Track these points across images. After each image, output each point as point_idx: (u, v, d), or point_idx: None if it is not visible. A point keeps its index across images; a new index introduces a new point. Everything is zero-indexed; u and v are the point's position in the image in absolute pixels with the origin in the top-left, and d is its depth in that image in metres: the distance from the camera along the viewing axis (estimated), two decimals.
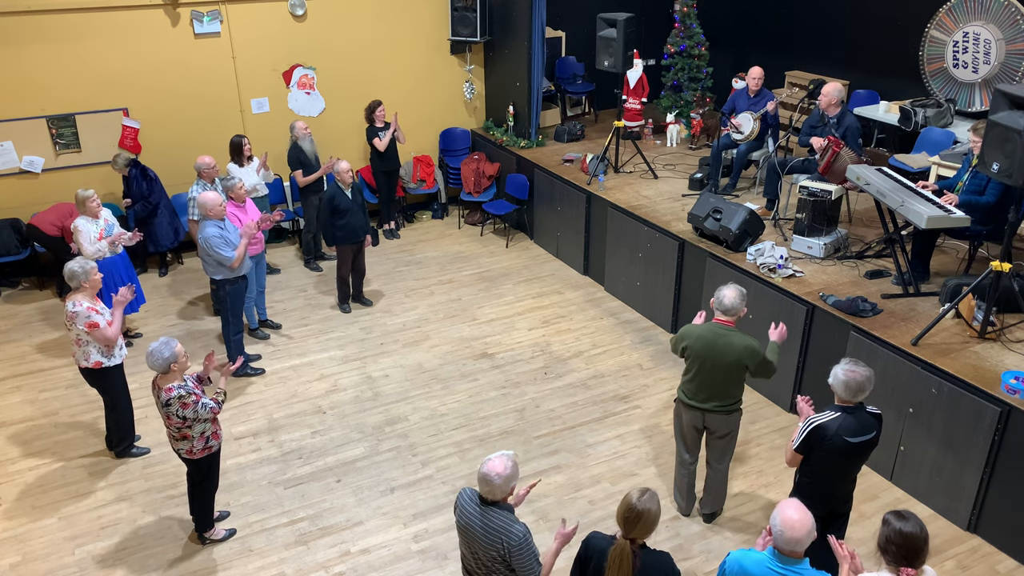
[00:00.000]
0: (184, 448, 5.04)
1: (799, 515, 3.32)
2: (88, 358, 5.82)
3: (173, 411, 4.85)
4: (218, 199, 6.67)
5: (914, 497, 5.80)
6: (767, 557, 3.41)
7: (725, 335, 4.96)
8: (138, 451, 6.30)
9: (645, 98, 10.53)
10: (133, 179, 8.56)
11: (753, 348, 4.93)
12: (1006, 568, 5.24)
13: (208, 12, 9.09)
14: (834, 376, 4.24)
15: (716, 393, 5.08)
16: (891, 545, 3.37)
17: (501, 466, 3.59)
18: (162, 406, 4.88)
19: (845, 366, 4.22)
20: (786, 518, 3.32)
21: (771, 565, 3.37)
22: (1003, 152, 5.14)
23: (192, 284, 8.94)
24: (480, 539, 3.67)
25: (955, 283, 6.06)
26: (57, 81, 8.66)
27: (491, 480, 3.58)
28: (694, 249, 7.48)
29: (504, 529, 3.59)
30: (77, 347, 5.80)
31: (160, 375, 4.93)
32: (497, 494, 3.62)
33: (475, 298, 8.70)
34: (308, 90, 9.93)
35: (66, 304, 5.70)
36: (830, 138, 6.96)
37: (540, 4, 9.38)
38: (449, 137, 10.93)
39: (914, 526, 3.36)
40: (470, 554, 3.81)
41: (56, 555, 5.35)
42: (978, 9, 8.57)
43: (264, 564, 5.28)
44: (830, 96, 7.34)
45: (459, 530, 3.80)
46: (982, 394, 5.24)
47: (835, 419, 4.22)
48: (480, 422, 6.68)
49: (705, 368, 5.03)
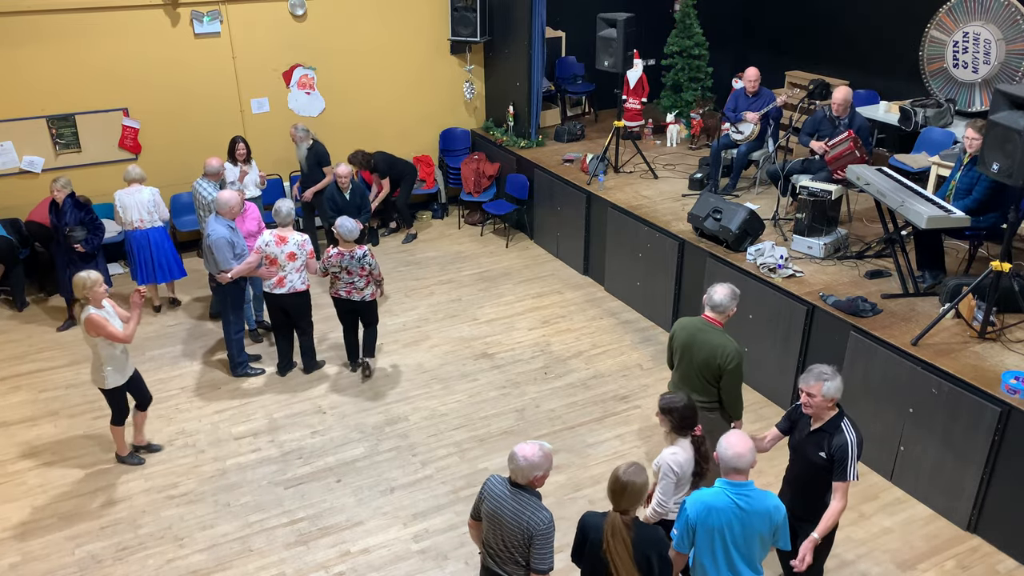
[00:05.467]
0: (369, 292, 6.80)
1: (738, 437, 3.76)
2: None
3: (367, 262, 6.62)
4: (237, 199, 6.74)
5: (914, 497, 5.80)
6: (719, 485, 3.77)
7: (706, 331, 4.94)
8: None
9: (645, 98, 10.53)
10: (66, 210, 7.57)
11: (727, 350, 4.80)
12: (1006, 568, 5.24)
13: (208, 12, 9.09)
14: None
15: (695, 388, 4.98)
16: (673, 417, 4.24)
17: (530, 451, 3.72)
18: (357, 260, 6.63)
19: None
20: (730, 442, 3.74)
21: (725, 490, 3.73)
22: (1003, 152, 5.14)
23: (191, 284, 8.93)
24: (508, 521, 3.75)
25: (955, 283, 6.06)
26: (57, 81, 8.66)
27: (516, 459, 3.72)
28: (694, 249, 7.48)
29: (532, 514, 3.70)
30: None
31: (347, 243, 6.64)
32: (519, 476, 3.73)
33: (475, 298, 8.70)
34: (308, 90, 9.93)
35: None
36: (849, 132, 7.19)
37: (540, 4, 9.38)
38: (449, 137, 10.92)
39: (682, 399, 4.31)
40: (497, 539, 3.86)
41: (56, 555, 5.35)
42: (978, 9, 8.58)
43: (264, 564, 5.28)
44: (840, 101, 7.49)
45: (486, 517, 3.88)
46: (982, 394, 5.24)
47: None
48: (480, 422, 6.68)
49: (684, 360, 5.03)
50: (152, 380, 7.24)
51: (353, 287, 6.78)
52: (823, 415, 4.14)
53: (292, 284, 6.81)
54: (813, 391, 4.05)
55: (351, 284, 6.77)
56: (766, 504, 3.74)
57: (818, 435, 4.17)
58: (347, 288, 6.80)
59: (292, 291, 6.83)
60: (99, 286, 5.56)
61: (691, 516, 3.75)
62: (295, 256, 6.76)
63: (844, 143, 7.16)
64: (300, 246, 6.76)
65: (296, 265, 6.79)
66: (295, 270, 6.80)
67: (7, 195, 8.71)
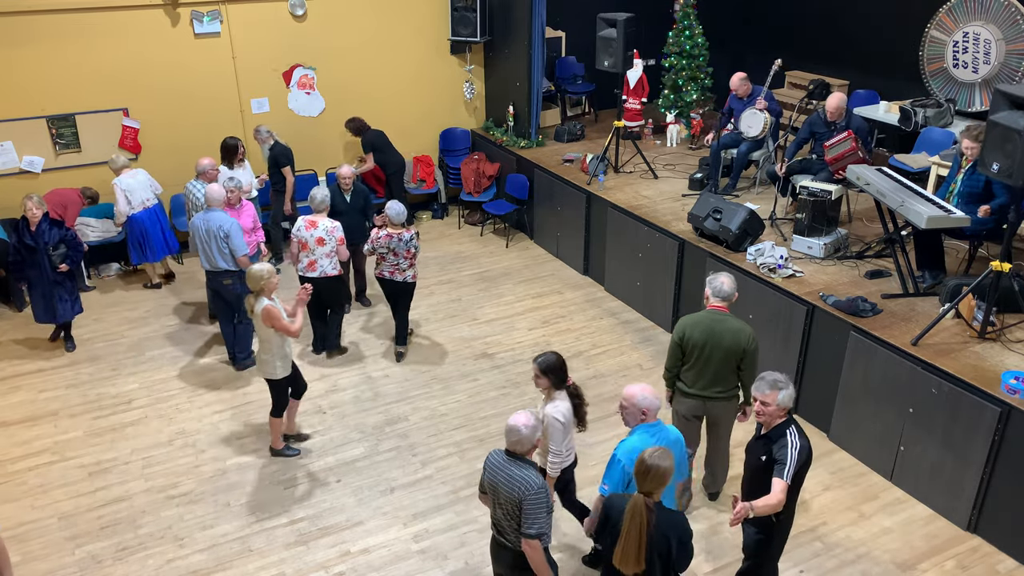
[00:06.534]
0: (411, 274, 7.07)
1: (645, 386, 4.27)
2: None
3: (413, 245, 6.90)
4: (224, 192, 7.00)
5: (914, 497, 5.80)
6: (637, 431, 4.23)
7: (722, 320, 5.11)
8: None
9: (645, 98, 10.53)
10: (44, 229, 7.09)
11: (748, 332, 5.09)
12: (1006, 568, 5.24)
13: (208, 12, 9.09)
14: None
15: (717, 379, 5.16)
16: (552, 375, 4.61)
17: (524, 419, 3.94)
18: (404, 243, 6.89)
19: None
20: (643, 391, 4.23)
21: (646, 432, 4.21)
22: (1003, 152, 5.14)
23: (190, 284, 8.93)
24: (504, 489, 3.95)
25: (955, 283, 6.06)
26: (57, 81, 8.66)
27: (517, 430, 3.91)
28: (694, 249, 7.48)
29: (524, 478, 3.90)
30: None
31: (395, 226, 6.89)
32: (525, 445, 3.94)
33: (475, 298, 8.70)
34: (308, 90, 9.93)
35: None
36: (849, 132, 7.20)
37: (540, 4, 9.38)
38: (449, 137, 10.92)
39: (556, 357, 4.64)
40: (497, 509, 4.07)
41: (56, 555, 5.35)
42: (978, 9, 8.58)
43: (264, 564, 5.28)
44: (834, 108, 7.50)
45: (488, 488, 4.09)
46: (982, 394, 5.24)
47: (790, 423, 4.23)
48: (480, 422, 6.67)
49: (704, 354, 5.12)
50: (152, 380, 7.25)
51: (397, 267, 7.09)
52: (773, 423, 4.16)
53: (323, 269, 7.09)
54: (768, 399, 4.07)
55: (395, 265, 7.07)
56: (675, 435, 4.33)
57: (764, 440, 4.21)
58: (391, 269, 7.11)
59: (323, 275, 7.10)
60: (274, 277, 5.77)
61: (627, 464, 4.04)
62: (324, 241, 7.01)
63: (845, 143, 7.16)
64: (329, 232, 7.02)
65: (326, 250, 7.04)
66: (325, 255, 7.04)
67: (7, 195, 8.70)
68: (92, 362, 7.52)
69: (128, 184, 8.20)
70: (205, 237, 6.84)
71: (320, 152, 10.20)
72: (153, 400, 6.97)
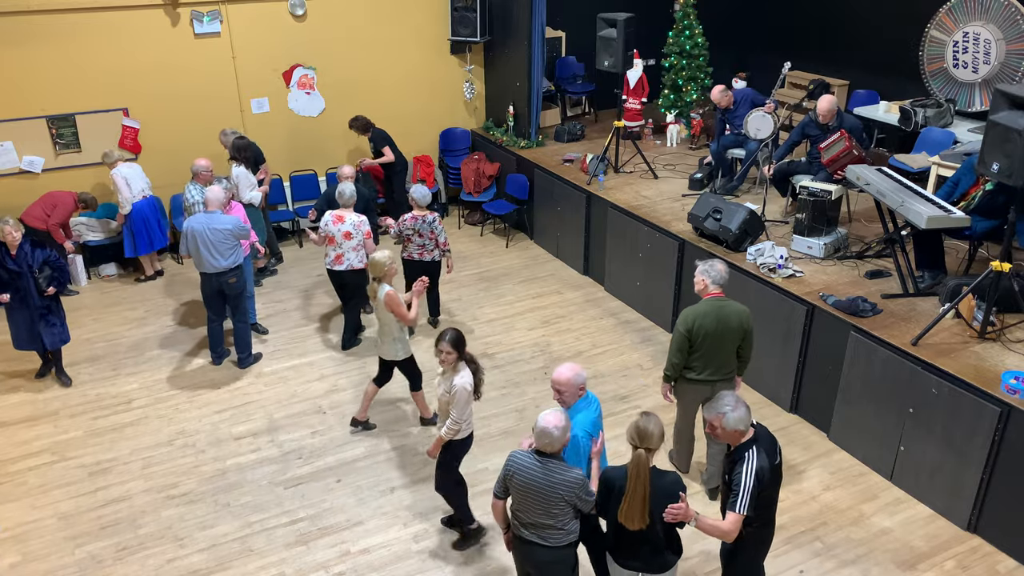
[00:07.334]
0: (437, 254, 7.48)
1: (565, 367, 4.39)
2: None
3: (436, 227, 7.34)
4: (225, 195, 7.10)
5: (914, 497, 5.80)
6: (579, 406, 4.41)
7: (724, 305, 5.34)
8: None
9: (645, 98, 10.53)
10: (26, 251, 6.64)
11: (746, 311, 5.38)
12: (1006, 568, 5.24)
13: (208, 12, 9.09)
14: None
15: (725, 362, 5.41)
16: (460, 349, 4.90)
17: (554, 419, 3.96)
18: (428, 224, 7.29)
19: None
20: (564, 376, 4.35)
21: (584, 404, 4.40)
22: (1003, 152, 5.13)
23: (190, 285, 8.93)
24: (543, 488, 3.99)
25: (955, 283, 6.06)
26: (57, 81, 8.66)
27: (549, 433, 3.93)
28: (694, 249, 7.48)
29: (569, 481, 3.97)
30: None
31: (420, 208, 7.32)
32: (555, 446, 3.97)
33: (475, 298, 8.70)
34: (308, 90, 9.94)
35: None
36: (842, 132, 7.20)
37: (540, 4, 9.38)
38: (449, 137, 10.93)
39: (459, 332, 4.90)
40: (531, 509, 4.07)
41: (56, 555, 5.35)
42: (978, 9, 8.58)
43: (264, 564, 5.28)
44: (825, 111, 7.51)
45: (517, 490, 4.08)
46: (982, 394, 5.24)
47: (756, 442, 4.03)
48: (480, 422, 6.67)
49: (714, 341, 5.30)
50: (152, 380, 7.25)
51: (424, 248, 7.48)
52: (736, 442, 4.01)
53: (350, 262, 7.32)
54: (715, 422, 3.98)
55: (422, 246, 7.47)
56: (594, 396, 4.61)
57: (729, 458, 4.10)
58: (419, 250, 7.50)
59: (350, 268, 7.33)
60: (394, 264, 6.09)
61: (583, 437, 4.30)
62: (351, 235, 7.22)
63: (839, 143, 7.12)
64: (356, 226, 7.24)
65: (352, 244, 7.25)
66: (352, 249, 7.27)
67: (7, 195, 8.71)
68: (92, 362, 7.53)
69: (127, 173, 8.49)
70: (209, 238, 6.83)
71: (320, 152, 10.21)
72: (153, 400, 6.97)
